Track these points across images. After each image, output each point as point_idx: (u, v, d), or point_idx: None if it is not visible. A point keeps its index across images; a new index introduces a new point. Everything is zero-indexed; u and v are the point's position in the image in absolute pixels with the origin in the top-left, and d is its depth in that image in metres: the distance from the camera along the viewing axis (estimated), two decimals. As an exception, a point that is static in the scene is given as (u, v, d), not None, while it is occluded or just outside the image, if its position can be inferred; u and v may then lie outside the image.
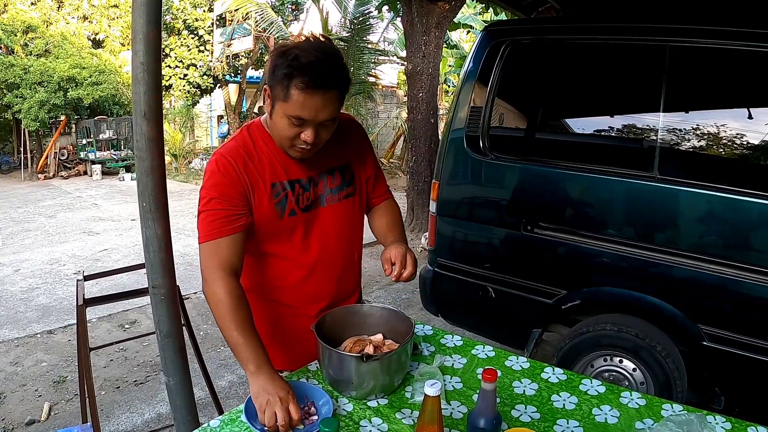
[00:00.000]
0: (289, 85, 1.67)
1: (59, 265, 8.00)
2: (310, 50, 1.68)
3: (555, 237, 3.57)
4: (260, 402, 1.63)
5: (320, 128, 1.78)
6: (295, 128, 1.75)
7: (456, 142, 3.93)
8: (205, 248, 1.84)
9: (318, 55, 1.68)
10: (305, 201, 1.97)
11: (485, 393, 1.47)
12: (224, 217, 1.83)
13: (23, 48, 17.42)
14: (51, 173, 17.74)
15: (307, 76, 1.65)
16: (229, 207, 1.83)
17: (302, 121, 1.73)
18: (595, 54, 3.68)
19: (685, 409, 1.77)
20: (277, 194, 1.91)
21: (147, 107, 2.15)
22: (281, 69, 1.68)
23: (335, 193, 2.04)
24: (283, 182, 1.92)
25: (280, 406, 1.60)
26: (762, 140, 3.11)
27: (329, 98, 1.73)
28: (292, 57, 1.66)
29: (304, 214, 1.97)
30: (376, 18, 14.46)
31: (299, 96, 1.68)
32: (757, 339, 3.01)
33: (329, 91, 1.71)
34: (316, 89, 1.67)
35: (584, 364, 3.46)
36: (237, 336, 1.74)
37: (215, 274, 1.80)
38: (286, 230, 1.97)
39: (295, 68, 1.66)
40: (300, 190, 1.95)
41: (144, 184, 2.22)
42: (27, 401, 4.32)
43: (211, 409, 3.72)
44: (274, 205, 1.91)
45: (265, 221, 1.92)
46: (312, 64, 1.66)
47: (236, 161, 1.86)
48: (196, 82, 18.99)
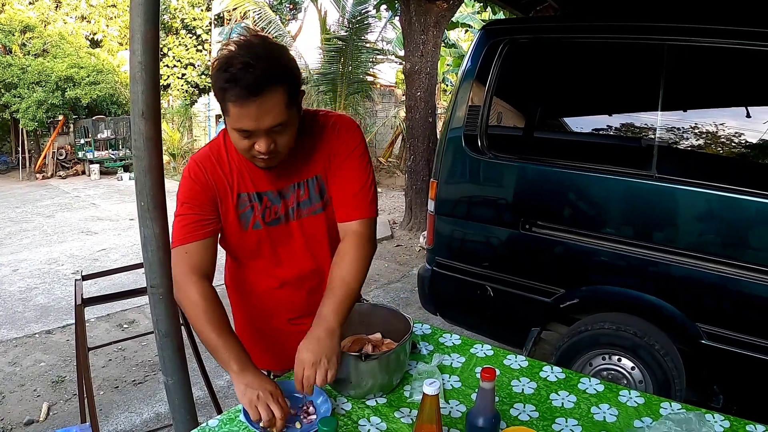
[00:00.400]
0: (224, 100, 1.59)
1: (57, 265, 8.00)
2: (240, 56, 1.55)
3: (553, 236, 3.57)
4: (249, 398, 1.60)
5: (273, 135, 1.66)
6: (246, 140, 1.66)
7: (454, 141, 3.93)
8: (176, 252, 1.83)
9: (248, 60, 1.54)
10: (272, 215, 1.91)
11: (484, 392, 1.47)
12: (195, 222, 1.82)
13: (21, 48, 17.39)
14: (49, 173, 17.70)
15: (237, 87, 1.55)
16: (199, 212, 1.82)
17: (249, 133, 1.64)
18: (593, 53, 3.68)
19: (683, 407, 1.78)
20: (243, 205, 1.88)
21: (145, 106, 2.14)
22: (216, 85, 1.60)
23: (303, 208, 1.94)
24: (251, 193, 1.88)
25: (273, 400, 1.60)
26: (760, 139, 3.11)
27: (269, 103, 1.59)
28: (223, 69, 1.56)
29: (269, 228, 1.92)
30: (374, 17, 14.45)
31: (235, 109, 1.58)
32: (756, 337, 3.01)
33: (266, 96, 1.57)
34: (250, 98, 1.55)
35: (583, 363, 3.46)
36: (216, 338, 1.71)
37: (187, 278, 1.79)
38: (251, 242, 1.94)
39: (225, 81, 1.55)
40: (268, 203, 1.90)
41: (142, 184, 2.22)
42: (26, 401, 4.32)
43: (210, 409, 3.71)
44: (239, 216, 1.88)
45: (230, 231, 1.90)
46: (241, 73, 1.53)
47: (206, 167, 1.84)
48: (194, 81, 18.99)
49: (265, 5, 16.36)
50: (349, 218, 1.92)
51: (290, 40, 16.69)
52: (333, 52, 13.59)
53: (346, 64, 13.68)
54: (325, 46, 14.19)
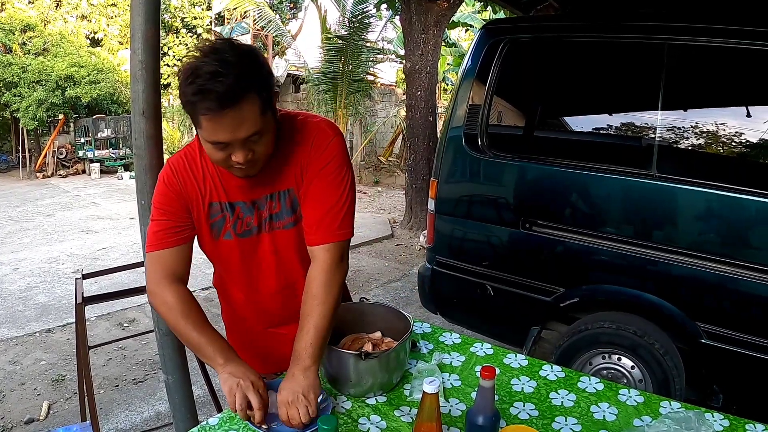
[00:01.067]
0: (195, 114, 1.50)
1: (58, 264, 8.00)
2: (207, 64, 1.46)
3: (553, 235, 3.57)
4: (230, 386, 1.60)
5: (250, 144, 1.57)
6: (221, 152, 1.58)
7: (454, 140, 3.93)
8: (150, 257, 1.79)
9: (216, 68, 1.45)
10: (244, 226, 1.83)
11: (484, 390, 1.47)
12: (167, 228, 1.77)
13: (21, 47, 17.40)
14: (49, 172, 17.71)
15: (207, 100, 1.45)
16: (172, 219, 1.77)
17: (225, 145, 1.55)
18: (593, 52, 3.68)
19: (683, 406, 1.78)
20: (215, 214, 1.81)
21: (146, 105, 2.15)
22: (184, 97, 1.50)
23: (275, 221, 1.84)
24: (223, 203, 1.80)
25: (252, 390, 1.59)
26: (760, 138, 3.11)
27: (243, 112, 1.50)
28: (189, 80, 1.46)
29: (240, 239, 1.85)
30: (375, 16, 14.42)
31: (208, 123, 1.50)
32: (755, 337, 3.01)
33: (240, 105, 1.48)
34: (223, 110, 1.47)
35: (583, 362, 3.46)
36: (197, 336, 1.71)
37: (161, 284, 1.76)
38: (223, 251, 1.88)
39: (194, 93, 1.46)
40: (240, 213, 1.82)
41: (143, 182, 2.23)
42: (26, 400, 4.32)
43: (210, 408, 3.72)
44: (210, 225, 1.82)
45: (203, 239, 1.86)
46: (211, 83, 1.44)
47: (178, 173, 1.77)
48: (195, 80, 18.96)
49: (264, 4, 16.34)
50: (315, 243, 1.79)
51: (290, 39, 16.69)
52: (333, 51, 13.58)
53: (346, 63, 13.67)
54: (326, 45, 14.18)
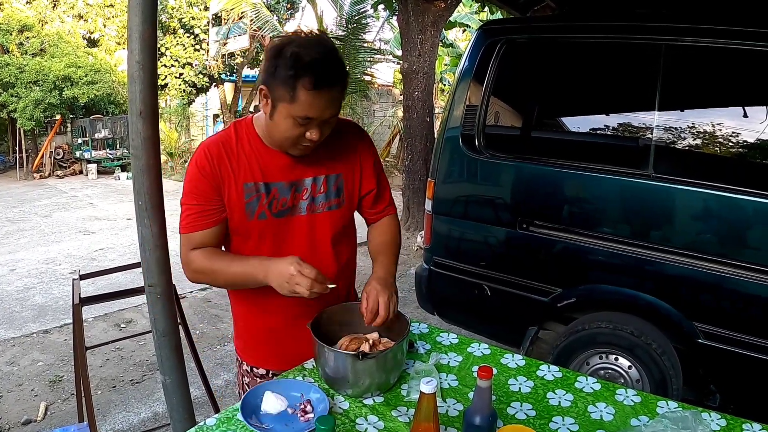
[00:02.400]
0: (294, 86, 1.63)
1: (55, 265, 7.99)
2: (310, 47, 1.63)
3: (550, 235, 3.58)
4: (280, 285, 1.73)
5: (324, 125, 1.75)
6: (300, 128, 1.72)
7: (451, 140, 3.94)
8: (182, 239, 1.91)
9: (319, 51, 1.64)
10: (279, 206, 1.91)
11: (481, 390, 1.47)
12: (198, 212, 1.87)
13: (18, 47, 17.35)
14: (46, 172, 17.67)
15: (313, 75, 1.61)
16: (203, 203, 1.86)
17: (309, 120, 1.70)
18: (590, 53, 3.69)
19: (680, 406, 1.78)
20: (249, 195, 1.88)
21: (143, 106, 2.14)
22: (283, 70, 1.63)
23: (318, 203, 1.97)
24: (258, 183, 1.88)
25: (301, 278, 1.68)
26: (757, 138, 3.12)
27: (335, 95, 1.70)
28: (293, 56, 1.61)
29: (276, 219, 1.92)
30: (372, 17, 14.43)
31: (307, 96, 1.63)
32: (752, 336, 3.02)
33: (334, 88, 1.69)
34: (323, 88, 1.64)
35: (580, 362, 3.47)
36: (234, 269, 1.85)
37: (189, 256, 1.89)
38: (254, 233, 1.93)
39: (299, 68, 1.61)
40: (276, 193, 1.90)
41: (140, 183, 2.22)
42: (23, 401, 4.31)
43: (208, 408, 3.72)
44: (244, 205, 1.88)
45: (234, 220, 1.91)
46: (316, 62, 1.61)
47: (212, 156, 1.85)
48: (192, 80, 18.94)
49: (262, 5, 16.32)
50: (387, 213, 2.22)
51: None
52: (330, 52, 13.56)
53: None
54: (323, 45, 14.16)
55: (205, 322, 5.83)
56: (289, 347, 2.04)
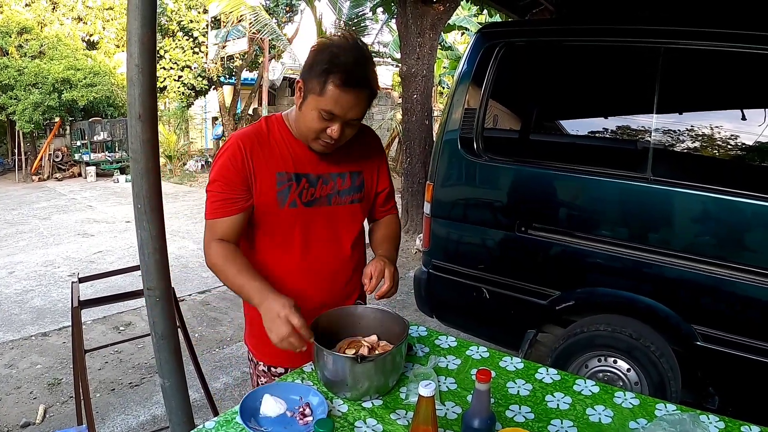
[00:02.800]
0: (326, 80, 1.75)
1: (54, 267, 7.99)
2: (349, 50, 1.77)
3: (549, 238, 3.58)
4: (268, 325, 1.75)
5: (346, 126, 1.86)
6: (323, 122, 1.83)
7: (450, 143, 3.94)
8: (207, 225, 1.98)
9: (355, 55, 1.77)
10: (309, 196, 2.01)
11: (479, 393, 1.47)
12: (223, 200, 1.93)
13: (18, 49, 17.37)
14: (45, 175, 17.70)
15: (344, 73, 1.74)
16: (229, 191, 1.93)
17: (332, 116, 1.81)
18: (588, 56, 3.70)
19: (678, 408, 1.78)
20: (281, 183, 1.97)
21: (142, 109, 2.15)
22: (320, 64, 1.76)
23: (342, 196, 2.09)
24: (289, 173, 1.98)
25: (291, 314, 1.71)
26: (754, 141, 3.13)
27: (361, 98, 1.81)
28: (331, 54, 1.75)
29: (306, 208, 2.02)
30: (371, 19, 14.45)
31: (334, 92, 1.76)
32: (751, 339, 3.03)
33: (362, 91, 1.80)
34: (351, 87, 1.76)
35: (579, 365, 3.47)
36: (239, 281, 1.87)
37: (211, 245, 1.94)
38: (285, 221, 2.01)
39: (333, 65, 1.74)
40: (306, 184, 2.00)
41: (139, 186, 2.22)
42: (22, 403, 4.31)
43: (207, 411, 3.72)
44: (276, 193, 1.96)
45: (265, 208, 1.98)
46: (350, 64, 1.75)
47: (245, 146, 1.94)
48: (191, 83, 18.97)
49: (260, 8, 16.37)
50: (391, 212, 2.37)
51: (286, 43, 16.70)
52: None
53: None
54: (322, 48, 14.18)
55: (204, 325, 5.83)
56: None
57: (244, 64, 19.68)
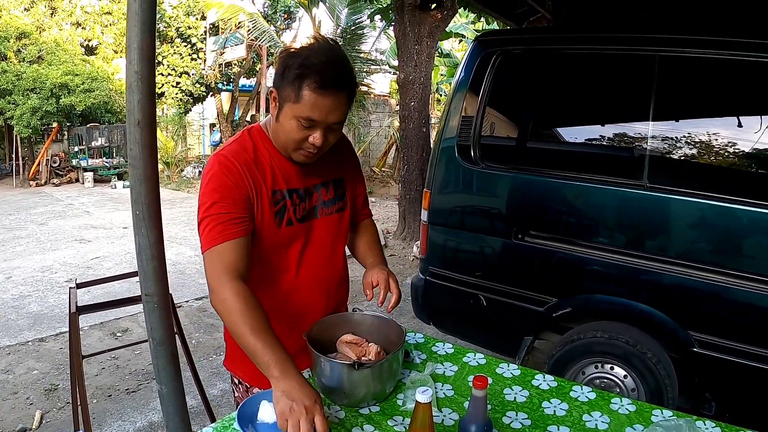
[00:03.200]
0: (300, 86, 1.64)
1: (51, 273, 7.98)
2: (321, 51, 1.66)
3: (546, 245, 3.59)
4: (282, 408, 1.50)
5: (328, 131, 1.75)
6: (304, 131, 1.71)
7: (447, 151, 3.95)
8: (209, 255, 1.73)
9: (329, 55, 1.67)
10: (301, 211, 1.93)
11: (476, 400, 1.48)
12: (228, 220, 1.73)
13: (16, 54, 17.39)
14: (43, 180, 17.69)
15: (319, 76, 1.63)
16: (233, 210, 1.75)
17: (312, 123, 1.70)
18: (585, 64, 3.71)
19: (675, 414, 1.79)
20: (277, 202, 1.86)
21: (141, 115, 2.15)
22: (292, 70, 1.65)
23: (328, 206, 2.02)
24: (282, 191, 1.87)
25: (305, 417, 1.47)
26: (751, 148, 3.14)
27: (340, 100, 1.70)
28: (303, 57, 1.64)
29: (301, 225, 1.93)
30: (369, 27, 14.48)
31: (311, 96, 1.65)
32: (747, 345, 3.03)
33: (340, 93, 1.69)
34: (328, 90, 1.65)
35: (576, 372, 3.47)
36: (254, 341, 1.60)
37: (221, 280, 1.69)
38: (283, 240, 1.91)
39: (306, 68, 1.63)
40: (297, 200, 1.91)
41: (138, 192, 2.22)
42: (18, 409, 4.30)
43: (204, 418, 3.71)
44: (274, 214, 1.85)
45: (264, 229, 1.85)
46: (324, 65, 1.64)
47: (240, 163, 1.79)
48: (189, 90, 18.99)
49: (259, 15, 16.40)
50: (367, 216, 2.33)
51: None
52: (327, 62, 13.59)
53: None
54: (320, 55, 14.19)
55: (202, 331, 5.82)
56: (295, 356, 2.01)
57: (242, 71, 19.72)
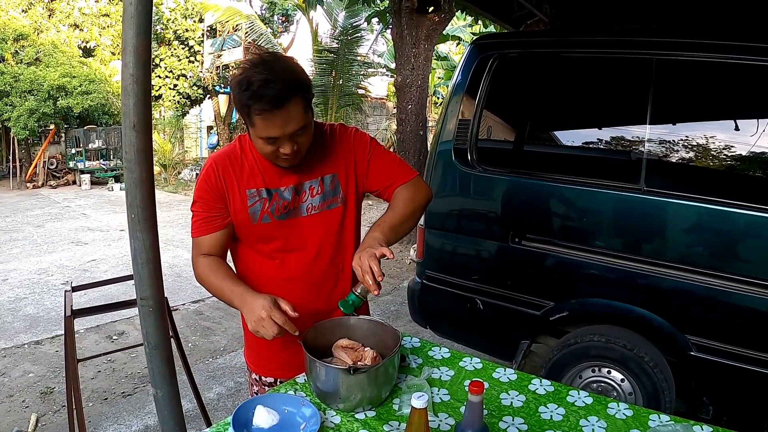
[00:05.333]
0: (249, 115, 1.78)
1: (47, 275, 7.96)
2: (258, 72, 1.74)
3: (542, 249, 3.59)
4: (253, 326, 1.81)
5: (295, 137, 1.86)
6: (271, 146, 1.86)
7: (444, 154, 3.95)
8: (192, 242, 2.09)
9: (266, 75, 1.73)
10: (281, 209, 2.05)
11: (472, 405, 1.47)
12: (204, 219, 2.04)
13: (14, 56, 17.36)
14: (40, 182, 17.67)
15: (260, 102, 1.73)
16: (207, 210, 2.03)
17: (275, 139, 1.83)
18: (582, 67, 3.72)
19: (672, 419, 1.78)
20: (252, 200, 2.03)
21: (137, 119, 2.15)
22: (240, 101, 1.78)
23: (317, 203, 2.09)
24: (260, 189, 2.03)
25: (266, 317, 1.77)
26: (747, 152, 3.15)
27: (290, 111, 1.79)
28: (244, 87, 1.74)
29: (279, 221, 2.05)
30: (366, 30, 14.49)
31: (261, 121, 1.78)
32: (744, 348, 3.03)
33: (288, 106, 1.77)
34: (273, 109, 1.75)
35: (573, 376, 3.47)
36: (222, 287, 1.97)
37: (197, 260, 2.06)
38: (261, 235, 2.08)
39: (249, 98, 1.74)
40: (278, 198, 2.04)
41: (133, 196, 2.22)
42: (14, 412, 4.29)
43: (199, 422, 3.71)
44: (248, 210, 2.03)
45: (239, 224, 2.06)
46: (262, 88, 1.72)
47: (218, 167, 2.02)
48: (186, 92, 19.00)
49: (256, 18, 16.42)
50: (400, 183, 2.17)
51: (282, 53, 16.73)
52: (324, 65, 13.63)
53: (337, 77, 13.72)
54: (316, 58, 14.24)
55: (198, 334, 5.81)
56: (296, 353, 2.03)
57: (240, 74, 19.70)
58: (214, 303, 6.66)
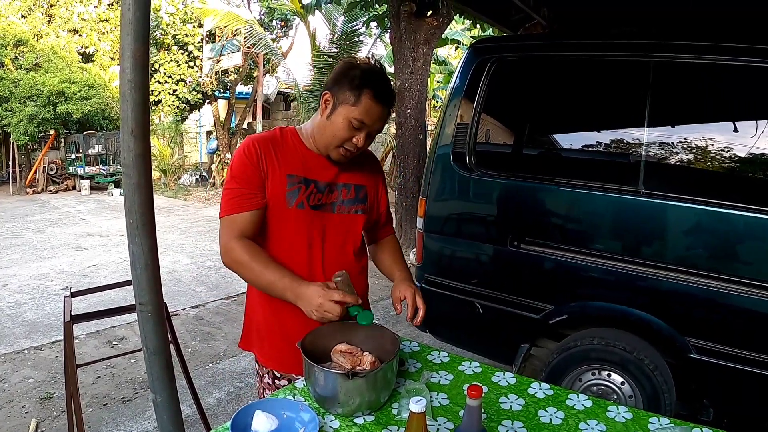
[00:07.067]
0: (361, 93, 1.95)
1: (47, 281, 7.96)
2: (377, 70, 2.01)
3: (541, 252, 3.59)
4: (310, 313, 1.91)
5: (371, 136, 2.05)
6: (351, 131, 2.00)
7: (443, 158, 3.95)
8: (223, 222, 2.06)
9: (383, 76, 2.02)
10: (316, 200, 2.12)
11: (470, 409, 1.47)
12: (241, 195, 2.04)
13: (13, 62, 17.37)
14: (39, 188, 17.67)
15: (378, 88, 1.96)
16: (247, 186, 2.04)
17: (362, 125, 1.99)
18: (580, 70, 3.72)
19: (671, 422, 1.78)
20: (291, 184, 2.07)
21: (135, 124, 2.15)
22: (355, 78, 1.96)
23: (346, 205, 2.20)
24: (299, 176, 2.09)
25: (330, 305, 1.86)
26: (746, 153, 3.15)
27: (386, 113, 2.03)
28: (365, 70, 1.98)
29: (312, 211, 2.11)
30: (364, 34, 14.49)
31: (368, 103, 1.96)
32: (744, 350, 3.03)
33: (388, 107, 2.02)
34: (382, 101, 1.98)
35: (572, 379, 3.47)
36: (268, 278, 1.99)
37: (231, 242, 2.02)
38: (291, 221, 2.10)
39: (368, 80, 1.95)
40: (314, 189, 2.11)
41: (131, 201, 2.23)
42: (14, 418, 4.28)
43: (199, 427, 3.70)
44: (285, 193, 2.07)
45: (274, 206, 2.08)
46: (380, 80, 1.99)
47: (260, 146, 2.07)
48: (186, 97, 18.98)
49: (255, 23, 16.41)
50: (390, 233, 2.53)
51: (281, 57, 16.74)
52: (323, 69, 13.62)
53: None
54: (315, 62, 14.23)
55: (198, 339, 5.80)
56: None
57: (239, 79, 19.73)
58: (215, 308, 6.67)
